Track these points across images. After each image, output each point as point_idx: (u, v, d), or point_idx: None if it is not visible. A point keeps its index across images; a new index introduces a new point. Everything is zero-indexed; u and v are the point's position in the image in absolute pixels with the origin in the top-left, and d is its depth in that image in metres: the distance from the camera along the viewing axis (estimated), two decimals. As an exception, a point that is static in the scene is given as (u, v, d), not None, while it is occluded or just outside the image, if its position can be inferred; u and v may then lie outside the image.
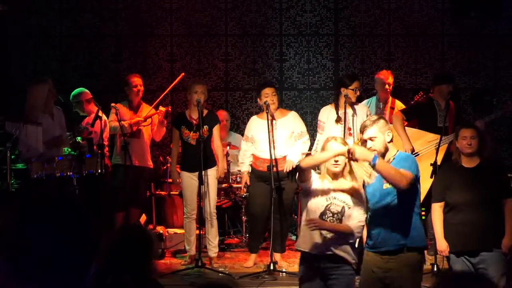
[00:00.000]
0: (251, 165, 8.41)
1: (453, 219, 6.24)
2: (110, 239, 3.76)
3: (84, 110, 8.78)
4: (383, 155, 5.60)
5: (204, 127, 8.38)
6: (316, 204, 5.60)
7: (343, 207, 5.55)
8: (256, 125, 8.40)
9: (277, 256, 8.27)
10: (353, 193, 5.62)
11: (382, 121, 5.71)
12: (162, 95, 9.32)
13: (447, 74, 9.64)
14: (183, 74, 9.54)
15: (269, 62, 10.85)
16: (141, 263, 3.69)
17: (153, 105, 9.14)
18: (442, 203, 6.32)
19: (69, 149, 7.88)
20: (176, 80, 9.40)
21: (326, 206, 5.57)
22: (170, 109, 9.24)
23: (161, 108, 8.91)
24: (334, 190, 5.60)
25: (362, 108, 8.53)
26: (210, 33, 10.79)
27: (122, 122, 8.54)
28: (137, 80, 8.96)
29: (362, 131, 5.70)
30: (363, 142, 5.67)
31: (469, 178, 6.20)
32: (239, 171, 8.72)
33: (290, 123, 8.35)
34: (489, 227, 6.12)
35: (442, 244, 6.31)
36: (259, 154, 8.33)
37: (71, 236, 2.06)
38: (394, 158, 5.64)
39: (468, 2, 10.37)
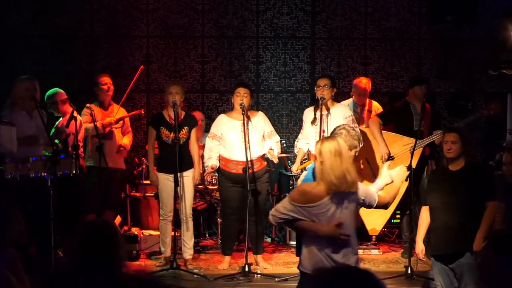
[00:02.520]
0: (220, 168, 8.29)
1: (433, 221, 6.25)
2: (76, 236, 3.73)
3: (59, 111, 8.71)
4: None
5: (185, 128, 8.35)
6: None
7: None
8: (226, 124, 8.29)
9: (258, 257, 8.31)
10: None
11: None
12: (126, 93, 9.30)
13: (419, 76, 9.75)
14: (142, 67, 9.55)
15: (246, 64, 10.84)
16: (110, 261, 3.65)
17: (120, 103, 9.16)
18: (427, 207, 6.34)
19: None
20: (137, 75, 9.39)
21: None
22: (143, 112, 9.25)
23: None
24: None
25: (341, 109, 8.38)
26: (187, 35, 10.77)
27: (96, 123, 8.53)
28: (106, 79, 8.97)
29: None
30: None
31: (451, 181, 6.16)
32: (207, 166, 8.37)
33: (260, 124, 8.33)
34: (466, 231, 6.04)
35: (417, 247, 6.34)
36: (230, 156, 8.23)
37: None
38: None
39: (444, 6, 10.43)
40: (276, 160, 8.36)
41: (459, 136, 6.19)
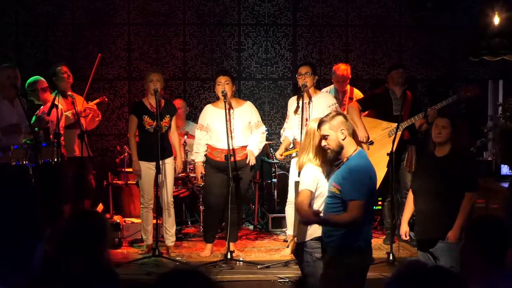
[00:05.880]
0: (206, 155, 8.35)
1: (415, 206, 6.30)
2: (63, 225, 3.73)
3: (40, 99, 8.70)
4: (337, 153, 5.48)
5: (166, 116, 8.36)
6: None
7: None
8: (211, 114, 8.32)
9: (232, 245, 8.29)
10: None
11: (338, 117, 5.51)
12: (89, 83, 9.35)
13: (394, 62, 9.79)
14: (100, 55, 9.56)
15: (227, 51, 10.83)
16: (95, 249, 3.66)
17: (84, 94, 9.26)
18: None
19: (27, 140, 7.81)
20: (96, 64, 9.41)
21: None
22: (106, 98, 9.37)
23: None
24: None
25: (324, 98, 8.43)
26: (168, 22, 10.73)
27: (65, 113, 8.59)
28: (65, 68, 9.00)
29: (318, 127, 5.57)
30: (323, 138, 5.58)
31: (434, 166, 6.17)
32: (193, 160, 8.51)
33: (247, 113, 8.34)
34: (442, 219, 6.06)
35: (401, 229, 6.47)
36: (216, 144, 8.26)
37: (16, 215, 2.04)
38: (348, 159, 5.47)
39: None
40: (252, 163, 8.32)
41: (450, 122, 6.20)
